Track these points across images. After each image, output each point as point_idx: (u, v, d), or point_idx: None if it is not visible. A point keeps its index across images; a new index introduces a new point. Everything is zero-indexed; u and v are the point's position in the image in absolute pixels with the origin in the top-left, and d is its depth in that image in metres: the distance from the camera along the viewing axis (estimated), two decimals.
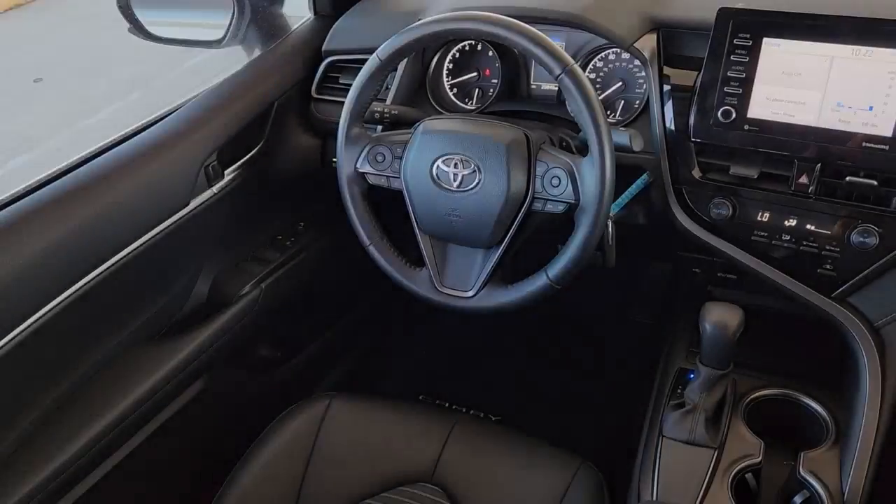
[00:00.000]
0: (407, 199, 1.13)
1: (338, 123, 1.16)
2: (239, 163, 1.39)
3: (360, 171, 1.16)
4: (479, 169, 1.06)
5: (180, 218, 1.26)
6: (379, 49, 1.11)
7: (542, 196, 1.06)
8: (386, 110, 1.25)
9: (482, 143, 1.07)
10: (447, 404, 1.89)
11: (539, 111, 1.31)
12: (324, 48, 1.48)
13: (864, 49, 1.02)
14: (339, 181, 1.17)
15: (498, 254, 1.10)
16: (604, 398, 1.88)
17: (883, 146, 1.02)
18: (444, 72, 1.42)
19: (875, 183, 1.04)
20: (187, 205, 1.27)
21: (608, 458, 1.28)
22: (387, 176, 1.15)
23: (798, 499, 1.06)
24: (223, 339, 1.39)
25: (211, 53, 1.59)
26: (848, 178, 1.06)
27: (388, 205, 1.17)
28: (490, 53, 1.39)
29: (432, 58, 1.40)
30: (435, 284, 1.15)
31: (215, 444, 1.52)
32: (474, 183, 1.07)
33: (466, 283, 1.13)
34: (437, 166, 1.09)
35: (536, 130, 1.11)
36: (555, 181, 1.05)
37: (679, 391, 1.19)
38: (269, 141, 1.44)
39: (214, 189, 1.32)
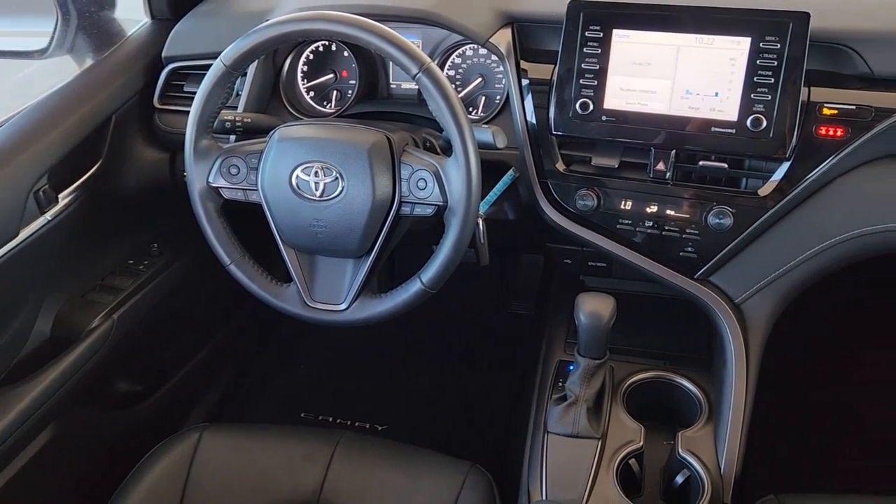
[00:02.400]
0: (267, 213, 1.07)
1: (185, 135, 1.08)
2: (75, 184, 1.27)
3: (213, 185, 1.08)
4: (341, 176, 1.02)
5: (9, 251, 1.12)
6: (223, 53, 1.04)
7: (409, 200, 1.03)
8: (237, 118, 1.17)
9: (343, 149, 1.02)
10: (331, 419, 1.83)
11: (401, 112, 1.28)
12: (164, 54, 1.38)
13: (706, 37, 1.05)
14: (191, 197, 1.09)
15: (368, 263, 1.06)
16: (489, 395, 1.88)
17: (730, 130, 1.06)
18: (299, 74, 1.35)
19: (725, 166, 1.09)
20: (16, 235, 1.14)
21: (498, 457, 1.27)
22: (243, 189, 1.08)
23: (679, 478, 1.09)
24: (73, 380, 1.26)
25: (43, 64, 1.44)
26: (701, 163, 1.10)
27: (253, 217, 1.10)
28: (346, 54, 1.34)
29: (284, 60, 1.34)
30: (304, 300, 1.09)
31: (75, 497, 1.38)
32: (337, 191, 1.02)
33: (338, 296, 1.08)
34: (297, 175, 1.03)
35: (398, 132, 1.07)
36: (421, 183, 1.02)
37: (560, 384, 1.19)
38: (109, 158, 1.32)
39: (48, 216, 1.20)
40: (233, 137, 1.20)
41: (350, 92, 1.34)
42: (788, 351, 1.59)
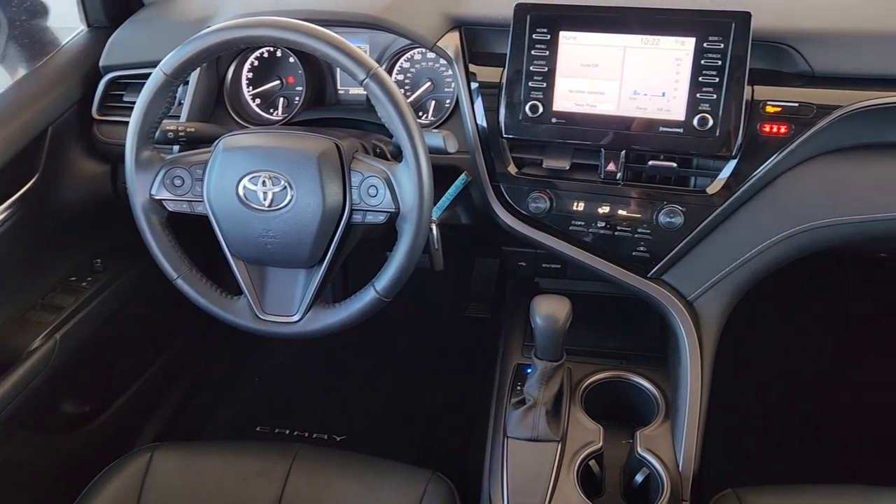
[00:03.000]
0: (214, 224, 1.04)
1: (125, 146, 1.04)
2: (11, 199, 1.22)
3: (157, 197, 1.05)
4: (290, 185, 1.00)
5: None
6: (163, 62, 1.01)
7: (360, 207, 1.01)
8: (180, 128, 1.14)
9: (290, 157, 1.00)
10: (288, 431, 1.79)
11: (349, 118, 1.27)
12: (101, 63, 1.34)
13: (651, 38, 1.06)
14: (134, 211, 1.06)
15: (321, 273, 1.04)
16: (449, 401, 1.87)
17: (677, 129, 1.07)
18: (244, 82, 1.33)
19: (674, 165, 1.10)
20: None
21: (459, 464, 1.26)
22: (188, 201, 1.05)
23: (639, 477, 1.09)
24: (14, 403, 1.21)
25: None
26: (650, 163, 1.11)
27: (201, 229, 1.07)
28: (291, 60, 1.31)
29: (228, 67, 1.31)
30: (255, 312, 1.07)
31: None
32: (286, 200, 1.00)
33: (290, 308, 1.06)
34: (244, 185, 1.01)
35: (348, 139, 1.06)
36: (372, 191, 1.00)
37: (518, 388, 1.19)
38: (46, 171, 1.27)
39: None
40: (176, 148, 1.17)
41: (297, 98, 1.31)
42: (744, 346, 1.62)
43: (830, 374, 1.87)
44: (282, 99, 1.33)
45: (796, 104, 1.05)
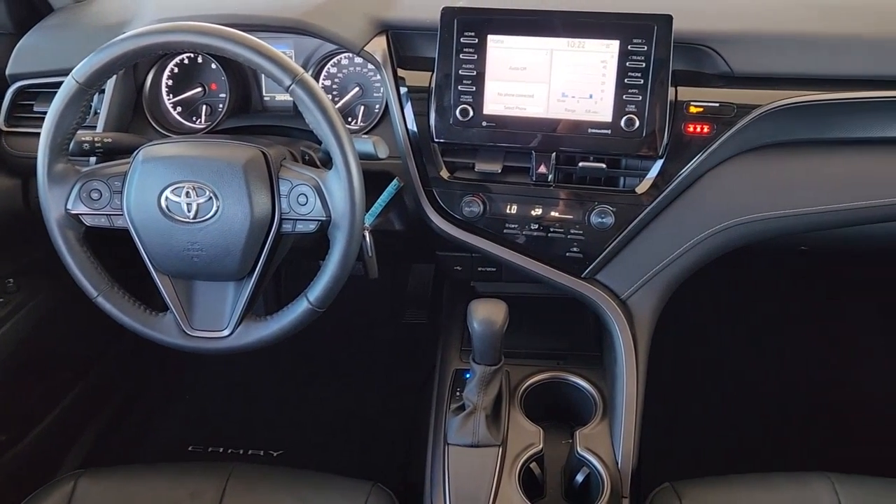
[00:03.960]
0: (135, 238, 1.00)
1: (37, 159, 0.99)
2: None
3: (73, 212, 1.00)
4: (215, 195, 0.96)
5: None
6: (75, 69, 0.97)
7: (290, 216, 0.99)
8: (96, 139, 1.09)
9: (215, 167, 0.97)
10: (222, 450, 1.73)
11: (276, 125, 1.24)
12: (8, 72, 1.27)
13: (577, 41, 1.07)
14: (48, 227, 1.01)
15: (251, 285, 1.01)
16: (388, 410, 1.85)
17: (605, 131, 1.09)
18: (164, 89, 1.28)
19: (604, 166, 1.11)
20: None
21: (400, 474, 1.24)
22: (107, 214, 1.01)
23: (579, 476, 1.10)
24: None
25: None
26: (580, 164, 1.12)
27: (123, 243, 1.02)
28: (214, 66, 1.27)
29: (146, 74, 1.26)
30: (183, 328, 1.03)
31: None
32: (212, 211, 0.97)
33: (220, 322, 1.03)
34: (166, 197, 0.97)
35: (275, 146, 1.03)
36: (302, 199, 0.98)
37: (458, 393, 1.18)
38: None
39: None
40: (93, 160, 1.12)
41: (221, 106, 1.27)
42: (676, 340, 1.66)
43: (760, 364, 1.94)
44: (205, 106, 1.28)
45: (717, 104, 1.08)
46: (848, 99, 1.07)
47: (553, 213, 1.15)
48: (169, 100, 1.28)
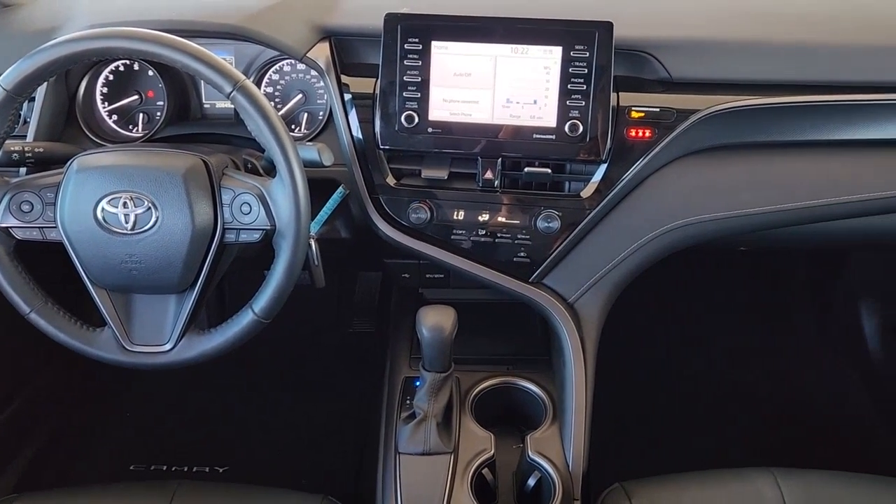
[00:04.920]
0: (70, 251, 0.97)
1: None
2: None
3: (2, 225, 0.97)
4: (154, 206, 0.94)
5: None
6: (2, 76, 0.93)
7: (233, 226, 0.97)
8: (26, 149, 1.05)
9: (153, 176, 0.94)
10: (165, 468, 1.68)
11: (217, 133, 1.21)
12: None
13: (520, 47, 1.08)
14: None
15: (193, 297, 0.99)
16: (337, 420, 1.82)
17: (550, 136, 1.10)
18: (98, 97, 1.24)
19: (549, 171, 1.13)
20: None
21: (351, 485, 1.22)
22: (39, 227, 0.97)
23: (531, 480, 1.10)
24: None
25: None
26: (526, 169, 1.13)
27: (57, 256, 0.98)
28: (150, 73, 1.24)
29: (80, 82, 1.22)
30: (122, 343, 1.00)
31: None
32: (151, 222, 0.94)
33: (161, 336, 1.00)
34: (102, 208, 0.94)
35: (216, 155, 1.01)
36: (245, 208, 0.96)
37: (408, 401, 1.17)
38: None
39: None
40: (23, 170, 1.07)
41: (159, 114, 1.24)
42: (626, 342, 1.69)
43: (704, 363, 1.98)
44: (142, 114, 1.25)
45: (658, 109, 1.10)
46: (781, 103, 1.10)
47: (500, 219, 1.15)
48: (104, 108, 1.24)
